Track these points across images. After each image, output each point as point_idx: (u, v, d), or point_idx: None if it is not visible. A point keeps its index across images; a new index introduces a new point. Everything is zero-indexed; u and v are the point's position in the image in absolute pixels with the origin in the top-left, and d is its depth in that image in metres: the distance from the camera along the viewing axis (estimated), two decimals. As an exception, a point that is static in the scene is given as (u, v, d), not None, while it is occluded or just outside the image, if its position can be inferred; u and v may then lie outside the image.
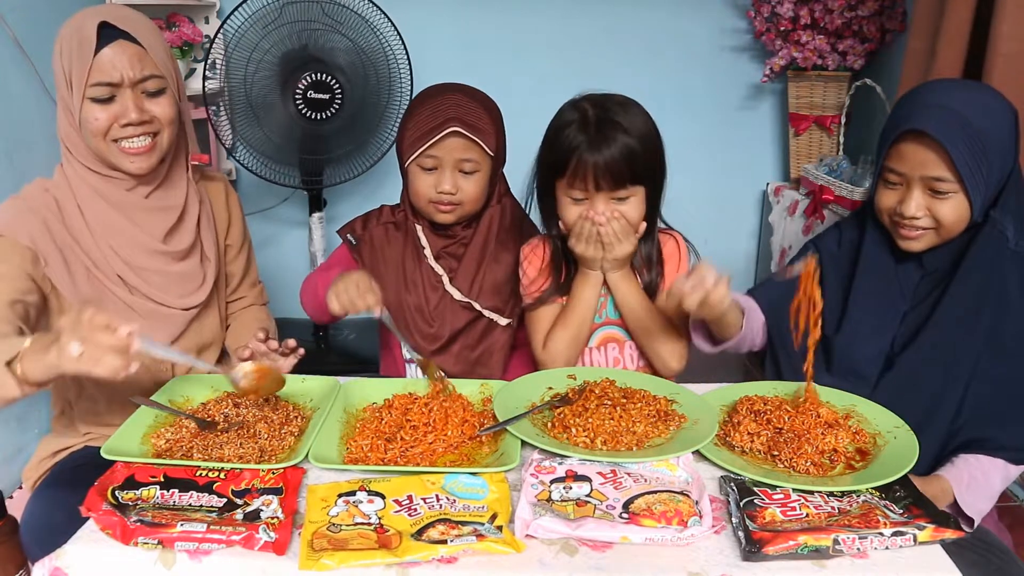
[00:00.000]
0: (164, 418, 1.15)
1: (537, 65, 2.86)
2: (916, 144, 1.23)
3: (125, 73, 1.28)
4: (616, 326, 1.50)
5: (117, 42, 1.27)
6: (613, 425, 1.11)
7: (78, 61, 1.27)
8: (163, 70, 1.32)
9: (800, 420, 1.13)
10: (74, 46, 1.27)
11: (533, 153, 1.45)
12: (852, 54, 2.51)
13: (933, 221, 1.26)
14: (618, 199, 1.36)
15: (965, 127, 1.20)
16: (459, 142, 1.45)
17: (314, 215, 2.61)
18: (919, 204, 1.25)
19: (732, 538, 0.93)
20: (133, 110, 1.29)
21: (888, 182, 1.29)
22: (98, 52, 1.26)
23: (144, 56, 1.30)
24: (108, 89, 1.28)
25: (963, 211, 1.24)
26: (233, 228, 1.57)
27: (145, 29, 1.32)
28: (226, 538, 0.88)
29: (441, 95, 1.48)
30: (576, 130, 1.34)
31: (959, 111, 1.21)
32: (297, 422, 1.17)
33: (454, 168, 1.47)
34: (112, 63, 1.27)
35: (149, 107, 1.31)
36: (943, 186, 1.22)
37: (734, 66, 2.86)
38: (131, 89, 1.29)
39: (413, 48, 2.45)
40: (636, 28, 2.84)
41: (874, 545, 0.89)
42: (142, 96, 1.31)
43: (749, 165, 2.96)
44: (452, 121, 1.43)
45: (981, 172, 1.21)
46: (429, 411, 1.16)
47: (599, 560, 0.89)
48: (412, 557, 0.86)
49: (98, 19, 1.27)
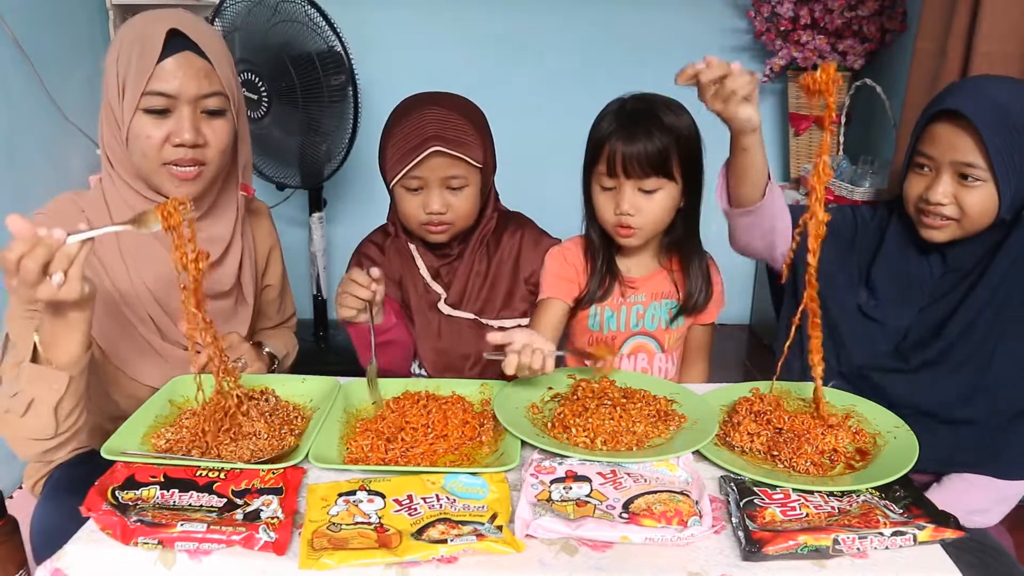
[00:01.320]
0: (164, 418, 1.15)
1: (537, 65, 2.87)
2: (950, 126, 1.22)
3: (187, 87, 1.18)
4: (648, 337, 1.50)
5: (184, 53, 1.18)
6: (613, 425, 1.11)
7: (137, 67, 1.16)
8: (227, 88, 1.23)
9: (800, 420, 1.13)
10: (135, 51, 1.17)
11: (533, 153, 1.46)
12: (852, 54, 2.52)
13: (958, 211, 1.24)
14: (645, 190, 1.36)
15: (1004, 116, 1.18)
16: (442, 160, 1.38)
17: (314, 215, 2.61)
18: (946, 191, 1.23)
19: (732, 538, 0.93)
20: (188, 129, 1.19)
21: (918, 166, 1.28)
22: (161, 60, 1.16)
23: (210, 72, 1.20)
24: (165, 100, 1.18)
25: (991, 203, 1.22)
26: (272, 267, 1.51)
27: (214, 42, 1.23)
28: (226, 538, 0.88)
29: (418, 110, 1.40)
30: (611, 119, 1.37)
31: (1002, 102, 1.19)
32: (297, 422, 1.17)
33: (441, 186, 1.40)
34: (174, 73, 1.17)
35: (204, 129, 1.22)
36: (973, 171, 1.21)
37: (734, 66, 2.86)
38: (189, 106, 1.19)
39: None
40: (636, 28, 2.84)
41: (874, 545, 0.89)
42: (200, 115, 1.21)
43: (749, 165, 2.96)
44: (432, 140, 1.36)
45: (1014, 163, 1.19)
46: (428, 412, 1.16)
47: (599, 560, 0.89)
48: (412, 556, 0.86)
49: (168, 25, 1.17)
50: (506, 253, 1.54)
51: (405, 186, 1.41)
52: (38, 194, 2.24)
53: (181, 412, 1.16)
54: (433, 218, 1.42)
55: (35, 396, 1.09)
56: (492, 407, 1.18)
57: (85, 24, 2.52)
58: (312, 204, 2.60)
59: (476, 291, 1.52)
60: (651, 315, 1.49)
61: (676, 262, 1.49)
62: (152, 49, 1.16)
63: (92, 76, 2.55)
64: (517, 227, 1.55)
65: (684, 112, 1.38)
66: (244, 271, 1.39)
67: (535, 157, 2.54)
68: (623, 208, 1.37)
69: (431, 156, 1.36)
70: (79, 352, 1.09)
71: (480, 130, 1.43)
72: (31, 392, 1.08)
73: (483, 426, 1.16)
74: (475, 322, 1.51)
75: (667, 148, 1.33)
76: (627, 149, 1.33)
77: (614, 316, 1.49)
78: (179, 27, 1.18)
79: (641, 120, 1.34)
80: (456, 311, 1.51)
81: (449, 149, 1.37)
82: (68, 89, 2.39)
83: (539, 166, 2.51)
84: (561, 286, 1.47)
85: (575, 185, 1.47)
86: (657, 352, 1.50)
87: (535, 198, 1.80)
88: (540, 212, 1.61)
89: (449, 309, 1.51)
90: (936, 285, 1.31)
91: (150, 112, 1.18)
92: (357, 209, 2.98)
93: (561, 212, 1.61)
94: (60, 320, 1.05)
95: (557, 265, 1.49)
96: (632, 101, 1.38)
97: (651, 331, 1.49)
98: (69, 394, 1.10)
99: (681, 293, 1.48)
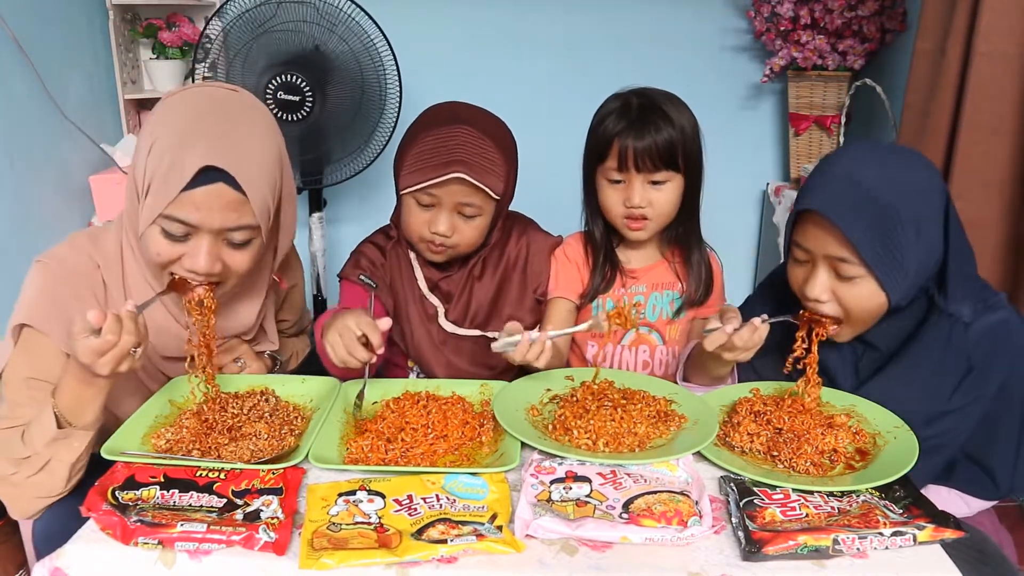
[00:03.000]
0: (164, 418, 1.16)
1: (537, 64, 2.87)
2: (818, 218, 1.13)
3: (210, 220, 1.08)
4: (650, 329, 1.51)
5: (216, 185, 1.07)
6: (614, 427, 1.11)
7: (161, 185, 1.06)
8: (259, 217, 1.11)
9: (800, 420, 1.13)
10: (164, 163, 1.06)
11: (533, 151, 1.45)
12: (852, 54, 2.51)
13: (839, 308, 1.16)
14: (655, 183, 1.38)
15: (871, 203, 1.09)
16: (462, 187, 1.31)
17: (314, 215, 2.61)
18: (823, 285, 1.15)
19: (732, 538, 0.93)
20: (204, 261, 1.10)
21: (795, 257, 1.21)
22: (189, 189, 1.06)
23: (242, 205, 1.09)
24: (184, 228, 1.08)
25: (875, 299, 1.13)
26: (291, 304, 1.49)
27: (253, 167, 1.10)
28: (226, 538, 0.88)
29: (450, 125, 1.33)
30: (618, 116, 1.38)
31: (867, 186, 1.09)
32: (297, 422, 1.17)
33: (453, 210, 1.34)
34: (199, 206, 1.06)
35: (224, 256, 1.13)
36: (848, 269, 1.12)
37: (734, 66, 2.86)
38: (210, 235, 1.10)
39: (407, 46, 2.45)
40: (636, 28, 2.84)
41: (874, 545, 0.89)
42: (222, 244, 1.12)
43: (749, 165, 2.97)
44: (457, 166, 1.29)
45: (893, 255, 1.10)
46: (428, 413, 1.16)
47: (599, 560, 0.89)
48: (412, 556, 0.86)
49: (202, 162, 1.05)
50: (512, 262, 1.49)
51: (416, 199, 1.35)
52: (38, 194, 2.24)
53: (181, 412, 1.16)
54: (436, 238, 1.36)
55: (53, 456, 1.09)
56: (492, 408, 1.18)
57: (85, 24, 2.52)
58: (312, 204, 2.60)
59: (479, 307, 1.47)
60: (652, 305, 1.50)
61: (677, 253, 1.51)
62: (179, 175, 1.05)
63: (92, 76, 2.55)
64: (521, 232, 1.51)
65: (684, 105, 1.41)
66: (266, 321, 1.37)
67: (535, 155, 2.54)
68: (635, 201, 1.38)
69: (451, 180, 1.31)
70: (100, 412, 1.10)
71: (509, 159, 1.38)
72: (48, 453, 1.09)
73: (483, 426, 1.16)
74: (480, 338, 1.47)
75: (674, 141, 1.36)
76: (637, 144, 1.35)
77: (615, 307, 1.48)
78: (215, 163, 1.06)
79: (649, 115, 1.36)
80: (459, 328, 1.47)
81: (472, 178, 1.30)
82: (68, 89, 2.38)
83: (539, 164, 2.50)
84: (566, 285, 1.48)
85: (575, 182, 1.47)
86: (659, 344, 1.51)
87: (535, 196, 1.80)
88: (540, 209, 1.61)
89: (452, 327, 1.46)
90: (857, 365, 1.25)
91: (167, 234, 1.09)
92: (357, 209, 2.98)
93: (561, 209, 1.61)
94: (89, 387, 1.06)
95: (560, 265, 1.50)
96: (636, 97, 1.40)
97: (652, 322, 1.50)
98: (85, 450, 1.11)
99: (684, 284, 1.50)
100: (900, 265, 1.11)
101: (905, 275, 1.12)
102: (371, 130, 2.46)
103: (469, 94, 1.46)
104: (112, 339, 0.99)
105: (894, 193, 1.10)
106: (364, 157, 2.51)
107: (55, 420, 1.08)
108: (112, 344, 0.99)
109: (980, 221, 1.74)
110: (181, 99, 1.13)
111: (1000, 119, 1.72)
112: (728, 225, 3.03)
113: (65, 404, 1.08)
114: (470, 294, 1.47)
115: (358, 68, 2.34)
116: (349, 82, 2.34)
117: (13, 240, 2.10)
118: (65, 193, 2.39)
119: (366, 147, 2.49)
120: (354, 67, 2.33)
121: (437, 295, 1.47)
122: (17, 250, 2.08)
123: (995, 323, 1.17)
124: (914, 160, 1.16)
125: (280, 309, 1.48)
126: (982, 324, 1.17)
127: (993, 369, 1.17)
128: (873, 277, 1.12)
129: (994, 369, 1.17)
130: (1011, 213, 1.76)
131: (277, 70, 2.24)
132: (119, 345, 0.99)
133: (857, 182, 1.10)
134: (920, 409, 1.16)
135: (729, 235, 3.06)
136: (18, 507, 1.14)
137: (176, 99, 1.14)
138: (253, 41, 2.26)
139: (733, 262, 1.57)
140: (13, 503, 1.14)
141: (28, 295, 1.17)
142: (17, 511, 1.15)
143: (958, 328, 1.16)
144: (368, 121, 2.44)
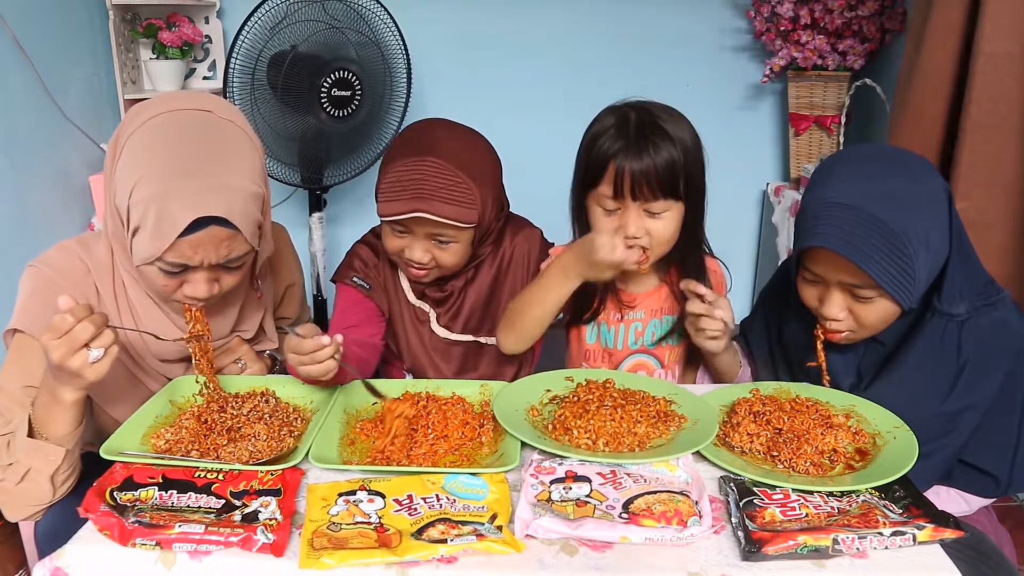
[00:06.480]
0: (164, 418, 1.16)
1: (537, 64, 2.87)
2: (828, 252, 1.13)
3: (207, 257, 1.10)
4: (649, 355, 1.46)
5: (209, 228, 1.07)
6: (615, 427, 1.11)
7: (152, 234, 1.06)
8: (252, 240, 1.14)
9: (800, 420, 1.13)
10: (151, 213, 1.05)
11: (533, 153, 1.44)
12: (852, 54, 2.52)
13: (855, 323, 1.19)
14: (652, 213, 1.28)
15: (881, 235, 1.08)
16: (430, 221, 1.28)
17: (314, 215, 2.61)
18: (840, 305, 1.17)
19: (732, 538, 0.93)
20: (204, 289, 1.14)
21: (806, 278, 1.21)
22: (183, 236, 1.07)
23: (234, 238, 1.11)
24: (181, 266, 1.11)
25: (890, 311, 1.16)
26: (289, 303, 1.49)
27: (240, 201, 1.09)
28: (224, 540, 0.88)
29: (417, 156, 1.28)
30: (614, 136, 1.26)
31: (874, 213, 1.09)
32: (297, 423, 1.17)
33: (427, 239, 1.32)
34: (195, 248, 1.08)
35: (221, 276, 1.17)
36: (864, 292, 1.14)
37: (734, 66, 2.87)
38: (206, 268, 1.13)
39: (410, 47, 2.45)
40: (636, 28, 2.84)
41: (873, 545, 0.89)
42: (217, 269, 1.15)
43: (749, 165, 2.97)
44: (420, 203, 1.26)
45: (906, 272, 1.11)
46: (428, 413, 1.16)
47: (599, 560, 0.89)
48: (412, 556, 0.86)
49: (194, 214, 1.05)
50: (506, 262, 1.47)
51: (391, 226, 1.33)
52: (38, 194, 2.24)
53: (181, 412, 1.16)
54: (413, 263, 1.35)
55: (32, 466, 1.10)
56: (492, 409, 1.18)
57: (85, 24, 2.52)
58: (312, 204, 2.60)
59: (473, 310, 1.46)
60: (651, 332, 1.45)
61: (678, 275, 1.40)
62: (171, 229, 1.06)
63: (92, 76, 2.55)
64: (514, 232, 1.48)
65: (685, 120, 1.31)
66: (265, 321, 1.38)
67: (532, 156, 2.54)
68: (630, 231, 1.27)
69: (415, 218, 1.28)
70: (72, 428, 1.10)
71: (484, 183, 1.32)
72: (27, 463, 1.10)
73: (483, 427, 1.16)
74: (473, 343, 1.46)
75: (675, 163, 1.25)
76: (635, 167, 1.24)
77: (611, 332, 1.45)
78: (208, 212, 1.06)
79: (648, 133, 1.25)
80: (451, 334, 1.46)
81: (437, 216, 1.27)
82: (68, 89, 2.38)
83: (536, 166, 2.51)
84: None
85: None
86: (657, 368, 1.47)
87: (536, 196, 1.79)
88: (541, 209, 1.60)
89: (444, 332, 1.45)
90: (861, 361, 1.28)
91: (164, 271, 1.12)
92: (357, 209, 2.97)
93: (561, 208, 1.60)
94: (57, 404, 1.07)
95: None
96: (634, 112, 1.28)
97: (651, 349, 1.45)
98: (65, 463, 1.11)
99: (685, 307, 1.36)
100: (913, 278, 1.12)
101: (917, 284, 1.13)
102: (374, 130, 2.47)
103: (469, 94, 1.47)
104: (70, 320, 0.98)
105: (904, 215, 1.09)
106: (365, 157, 2.51)
107: (28, 430, 1.09)
108: (68, 326, 0.98)
109: (985, 221, 1.75)
110: (156, 131, 1.09)
111: (1004, 118, 1.72)
112: (728, 225, 3.02)
113: (37, 416, 1.10)
114: (463, 298, 1.46)
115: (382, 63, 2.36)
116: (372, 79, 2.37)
117: (13, 240, 2.10)
118: (65, 193, 2.40)
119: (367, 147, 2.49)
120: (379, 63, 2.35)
121: (427, 301, 1.46)
122: (17, 250, 2.08)
123: (992, 320, 1.18)
124: (915, 168, 1.16)
125: (279, 308, 1.49)
126: (978, 321, 1.17)
127: (990, 367, 1.17)
128: (888, 296, 1.14)
129: (991, 367, 1.17)
130: (1017, 212, 1.76)
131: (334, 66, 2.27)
132: (73, 331, 0.98)
133: (866, 212, 1.09)
134: (920, 410, 1.16)
135: (729, 235, 3.05)
136: (11, 512, 1.16)
137: (150, 130, 1.09)
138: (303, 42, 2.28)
139: (733, 262, 1.56)
140: (6, 508, 1.16)
141: (20, 300, 1.18)
142: (11, 516, 1.16)
143: (951, 326, 1.18)
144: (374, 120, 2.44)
